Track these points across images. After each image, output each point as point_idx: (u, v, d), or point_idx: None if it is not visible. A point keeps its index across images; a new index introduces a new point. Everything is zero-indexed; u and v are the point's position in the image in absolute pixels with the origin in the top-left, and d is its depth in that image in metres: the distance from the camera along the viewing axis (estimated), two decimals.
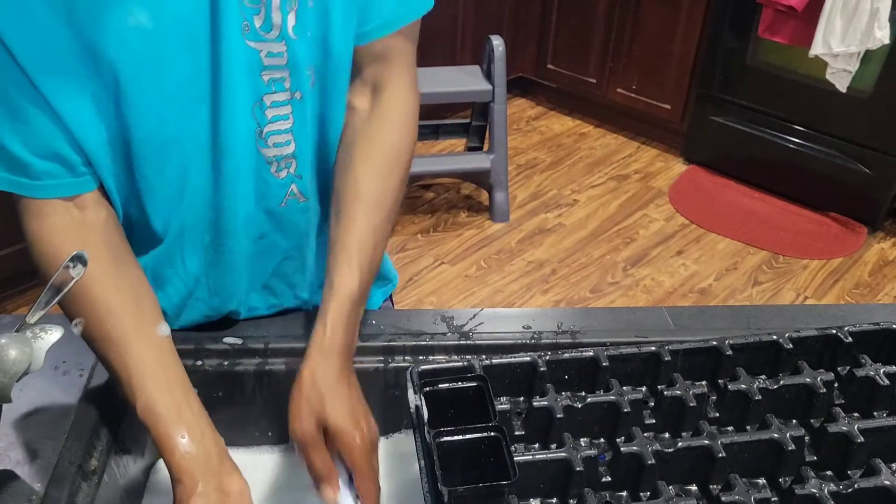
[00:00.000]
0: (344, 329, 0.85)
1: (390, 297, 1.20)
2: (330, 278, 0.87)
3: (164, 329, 0.84)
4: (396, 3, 0.89)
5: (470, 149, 3.19)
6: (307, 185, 0.94)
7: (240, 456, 0.96)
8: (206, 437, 0.80)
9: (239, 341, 0.95)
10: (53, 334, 0.74)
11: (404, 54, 0.93)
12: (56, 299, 0.74)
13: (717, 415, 0.80)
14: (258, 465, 0.96)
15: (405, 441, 0.99)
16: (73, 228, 0.84)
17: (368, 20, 0.88)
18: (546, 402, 0.76)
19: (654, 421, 0.79)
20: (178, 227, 0.91)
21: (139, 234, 0.92)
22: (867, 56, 2.75)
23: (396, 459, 0.97)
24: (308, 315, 1.01)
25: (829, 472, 0.76)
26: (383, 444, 0.99)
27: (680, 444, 0.73)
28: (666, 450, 0.72)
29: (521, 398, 0.80)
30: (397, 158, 0.93)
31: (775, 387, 0.79)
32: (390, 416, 0.98)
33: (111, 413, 0.87)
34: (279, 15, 0.82)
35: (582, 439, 0.78)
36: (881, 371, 0.80)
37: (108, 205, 0.87)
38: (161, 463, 0.96)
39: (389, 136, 0.93)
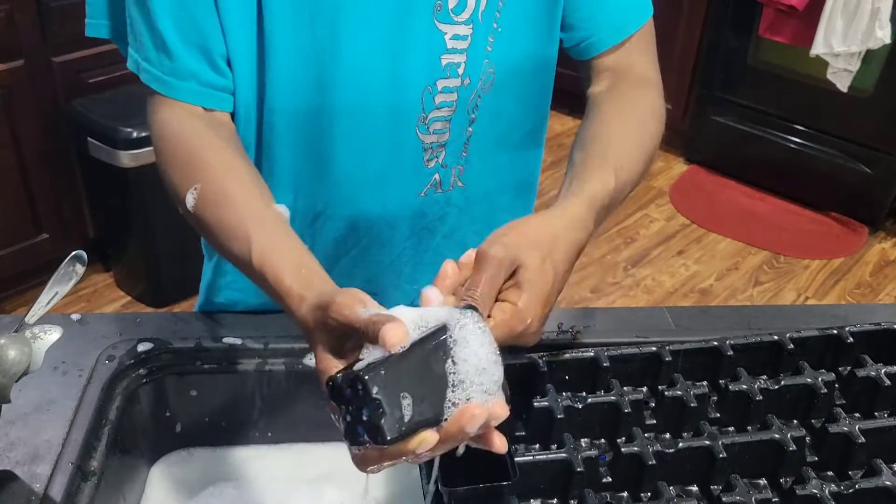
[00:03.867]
0: (594, 216, 0.72)
1: None
2: (580, 180, 0.75)
3: (284, 209, 0.77)
4: (624, 11, 0.89)
5: None
6: (448, 175, 0.94)
7: (239, 455, 0.96)
8: (330, 281, 0.68)
9: (239, 341, 0.95)
10: (53, 334, 0.74)
11: (644, 48, 0.91)
12: (56, 300, 0.74)
13: (718, 415, 0.79)
14: (257, 464, 0.96)
15: None
16: (203, 116, 0.83)
17: (591, 32, 0.89)
18: (547, 403, 0.76)
19: (654, 421, 0.78)
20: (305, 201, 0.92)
21: None
22: (868, 56, 2.75)
23: None
24: None
25: (830, 473, 0.75)
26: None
27: (681, 444, 0.73)
28: (667, 450, 0.72)
29: (522, 398, 0.80)
30: (650, 118, 0.87)
31: (776, 387, 0.79)
32: None
33: (111, 413, 0.87)
34: None
35: (583, 440, 0.78)
36: (882, 371, 0.79)
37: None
38: (161, 463, 0.96)
39: (641, 98, 0.88)
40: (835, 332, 0.84)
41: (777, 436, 0.73)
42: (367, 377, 0.53)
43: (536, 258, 0.64)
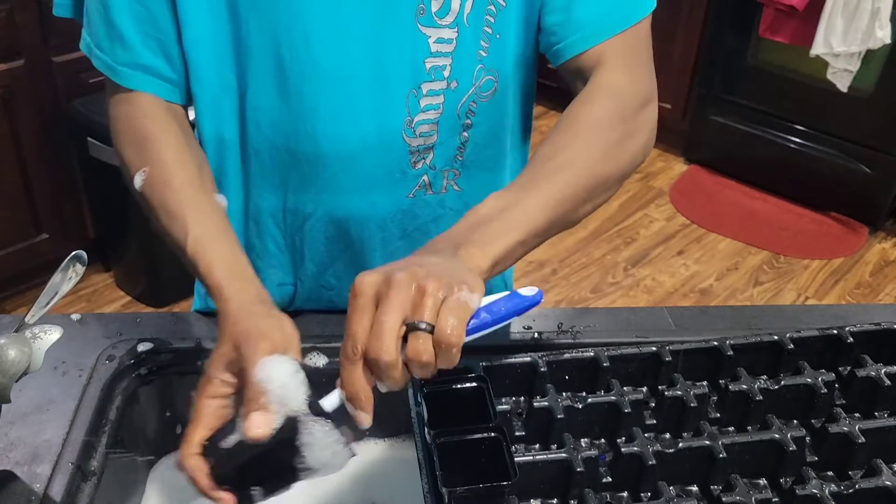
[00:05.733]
0: (495, 249, 0.66)
1: None
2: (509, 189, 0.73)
3: (222, 199, 0.83)
4: (597, 17, 0.83)
5: None
6: (438, 177, 0.93)
7: None
8: (254, 275, 0.74)
9: None
10: (53, 334, 0.74)
11: (617, 51, 0.84)
12: (56, 300, 0.74)
13: (718, 415, 0.79)
14: None
15: (405, 442, 0.99)
16: (158, 103, 0.86)
17: (561, 37, 0.84)
18: (546, 403, 0.76)
19: (654, 421, 0.78)
20: (280, 203, 0.92)
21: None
22: (868, 56, 2.75)
23: (396, 461, 0.97)
24: (307, 316, 1.01)
25: (830, 473, 0.75)
26: (382, 447, 0.98)
27: (681, 444, 0.73)
28: (667, 450, 0.72)
29: (522, 398, 0.80)
30: (590, 129, 0.80)
31: (776, 387, 0.79)
32: (390, 417, 0.98)
33: (111, 413, 0.87)
34: (458, 1, 0.81)
35: (582, 440, 0.78)
36: (882, 371, 0.79)
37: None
38: (161, 463, 0.96)
39: (582, 107, 0.82)
40: (835, 332, 0.83)
41: (777, 436, 0.73)
42: (216, 470, 0.65)
43: (401, 265, 0.61)
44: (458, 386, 0.75)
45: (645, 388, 0.81)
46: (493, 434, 0.69)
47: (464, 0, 0.81)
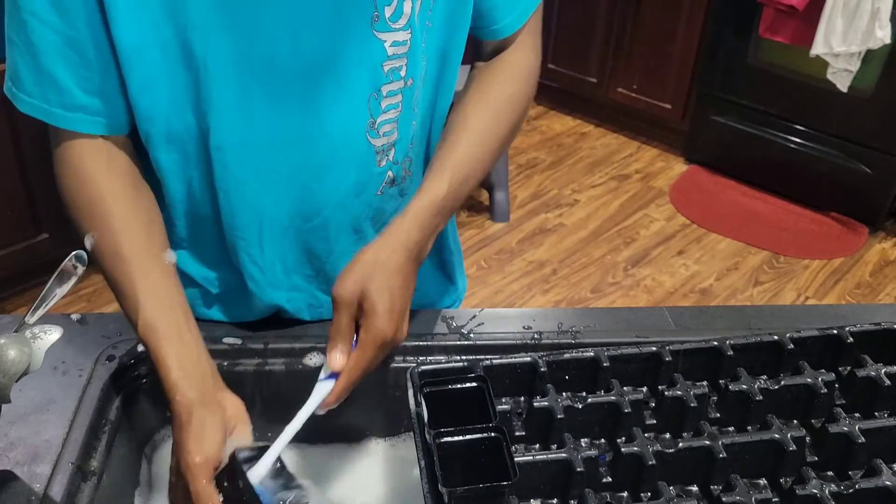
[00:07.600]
0: (420, 228, 0.85)
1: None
2: (421, 184, 0.88)
3: (171, 256, 0.85)
4: (518, 6, 0.93)
5: None
6: (400, 170, 0.95)
7: None
8: (202, 359, 0.80)
9: (238, 341, 0.95)
10: (53, 334, 0.74)
11: (529, 29, 0.96)
12: (56, 300, 0.74)
13: (718, 415, 0.79)
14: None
15: (405, 442, 0.99)
16: (101, 148, 0.86)
17: (497, 20, 0.93)
18: (546, 403, 0.76)
19: (654, 421, 0.78)
20: (258, 218, 0.91)
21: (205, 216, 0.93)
22: (868, 56, 2.75)
23: (397, 461, 0.97)
24: (306, 322, 1.01)
25: (830, 473, 0.75)
26: (382, 447, 0.99)
27: (681, 444, 0.73)
28: (667, 450, 0.72)
29: (522, 399, 0.80)
30: (508, 107, 0.95)
31: (776, 387, 0.79)
32: (390, 417, 0.98)
33: (111, 413, 0.87)
34: (410, 3, 0.82)
35: (582, 440, 0.78)
36: (882, 371, 0.79)
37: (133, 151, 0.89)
38: (161, 463, 0.96)
39: (503, 85, 0.95)
40: (835, 332, 0.84)
41: (777, 436, 0.73)
42: None
43: (374, 288, 0.80)
44: (458, 386, 0.75)
45: (645, 388, 0.81)
46: (493, 434, 0.69)
47: (414, 1, 0.82)
